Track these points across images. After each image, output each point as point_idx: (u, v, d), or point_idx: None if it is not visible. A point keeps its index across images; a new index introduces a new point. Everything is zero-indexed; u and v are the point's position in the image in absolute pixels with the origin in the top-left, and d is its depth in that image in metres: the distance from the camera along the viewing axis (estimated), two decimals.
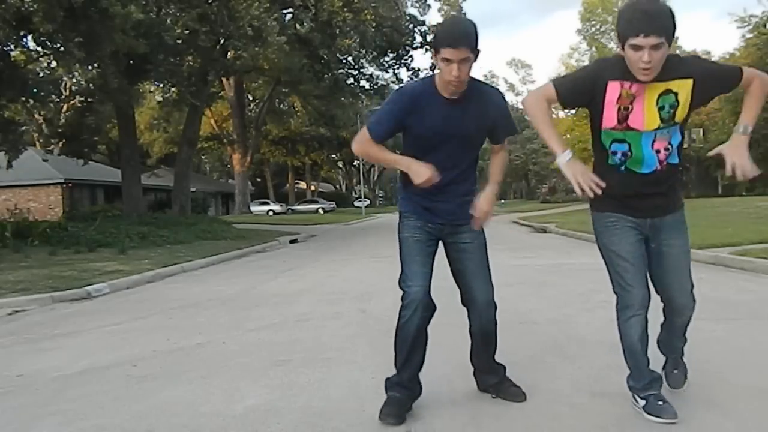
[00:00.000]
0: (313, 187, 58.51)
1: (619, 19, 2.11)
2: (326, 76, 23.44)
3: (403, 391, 2.55)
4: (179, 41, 15.38)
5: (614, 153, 2.29)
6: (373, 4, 20.19)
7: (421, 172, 2.36)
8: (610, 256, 2.39)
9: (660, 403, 2.33)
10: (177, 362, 3.63)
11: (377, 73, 28.73)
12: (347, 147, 52.07)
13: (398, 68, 27.18)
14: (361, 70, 27.19)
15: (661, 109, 2.18)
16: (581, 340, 3.67)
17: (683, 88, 2.16)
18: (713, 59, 41.94)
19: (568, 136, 32.60)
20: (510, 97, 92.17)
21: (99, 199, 27.61)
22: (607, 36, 30.53)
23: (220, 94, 23.01)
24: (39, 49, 14.18)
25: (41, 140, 27.56)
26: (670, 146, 2.26)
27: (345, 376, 3.14)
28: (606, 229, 2.39)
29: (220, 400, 2.86)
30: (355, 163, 49.54)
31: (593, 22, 30.45)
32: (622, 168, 2.30)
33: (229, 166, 46.71)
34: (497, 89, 2.61)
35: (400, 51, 25.99)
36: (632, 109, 2.19)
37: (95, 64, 13.68)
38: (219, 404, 2.80)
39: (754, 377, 2.84)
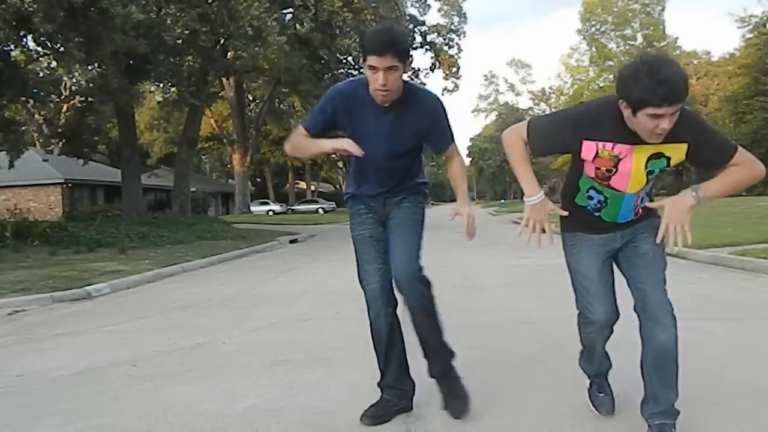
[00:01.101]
0: (313, 187, 58.50)
1: (632, 85, 1.82)
2: (326, 76, 23.44)
3: (392, 391, 2.54)
4: (179, 41, 15.38)
5: (590, 198, 2.16)
6: (373, 4, 20.19)
7: (338, 142, 2.33)
8: (575, 275, 2.33)
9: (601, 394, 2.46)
10: (177, 362, 3.63)
11: None
12: None
13: None
14: (361, 70, 27.17)
15: (649, 173, 2.03)
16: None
17: (677, 152, 1.99)
18: (713, 59, 41.18)
19: None
20: (510, 97, 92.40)
21: (99, 199, 27.62)
22: (606, 36, 30.53)
23: (220, 94, 23.02)
24: (39, 49, 14.19)
25: (41, 140, 27.59)
26: (645, 195, 2.15)
27: (345, 376, 3.14)
28: (572, 249, 2.31)
29: (220, 400, 2.86)
30: None
31: (593, 22, 30.44)
32: (596, 214, 2.18)
33: (229, 166, 46.71)
34: (436, 96, 2.46)
35: None
36: (616, 171, 2.02)
37: (95, 64, 13.68)
38: (219, 404, 2.80)
39: (755, 377, 2.84)
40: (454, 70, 33.04)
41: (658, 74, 1.78)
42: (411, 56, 2.27)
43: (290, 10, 20.24)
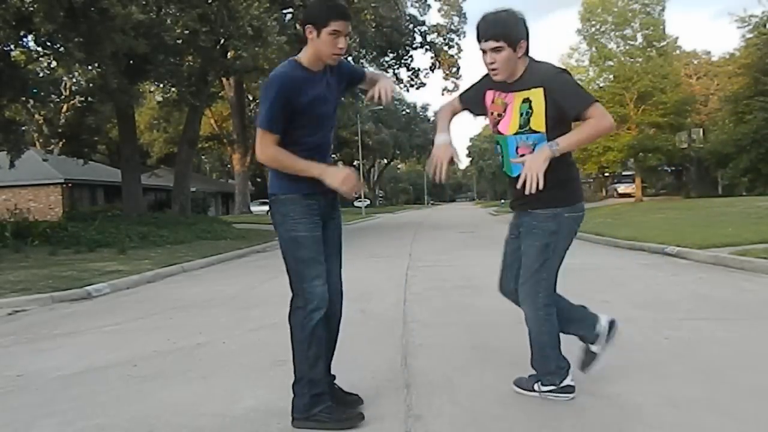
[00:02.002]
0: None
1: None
2: None
3: (330, 395, 2.52)
4: (179, 41, 15.37)
5: (497, 153, 2.61)
6: (373, 4, 20.18)
7: (338, 175, 2.36)
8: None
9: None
10: (177, 362, 3.63)
11: (377, 73, 28.73)
12: (347, 147, 52.28)
13: (398, 68, 27.21)
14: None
15: (520, 115, 2.40)
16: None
17: (536, 96, 2.36)
18: (713, 59, 41.19)
19: None
20: None
21: (99, 199, 27.61)
22: (606, 36, 30.45)
23: (220, 94, 22.99)
24: (39, 49, 14.19)
25: (41, 140, 27.58)
26: (534, 152, 2.38)
27: (345, 376, 3.13)
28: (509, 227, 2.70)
29: (220, 400, 2.87)
30: (355, 163, 49.50)
31: (593, 22, 30.32)
32: (503, 168, 2.58)
33: (229, 166, 46.68)
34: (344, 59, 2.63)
35: (400, 51, 26.02)
36: (504, 116, 2.46)
37: (95, 64, 13.68)
38: (219, 404, 2.80)
39: (754, 377, 2.84)
40: (454, 70, 33.03)
41: (485, 14, 2.37)
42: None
43: (290, 10, 20.23)
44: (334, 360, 2.71)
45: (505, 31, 2.30)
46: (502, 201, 57.24)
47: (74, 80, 21.06)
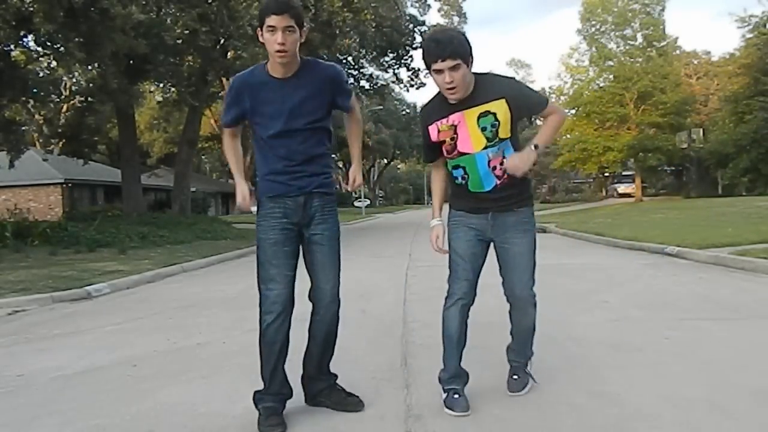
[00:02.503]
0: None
1: (424, 55, 2.41)
2: None
3: (276, 398, 2.52)
4: (179, 41, 15.37)
5: (455, 178, 2.59)
6: (373, 4, 20.16)
7: (239, 197, 2.50)
8: (449, 250, 2.64)
9: (456, 396, 2.55)
10: (177, 362, 3.63)
11: (377, 73, 28.66)
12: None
13: (398, 68, 27.17)
14: (361, 70, 27.17)
15: (483, 129, 2.44)
16: (581, 340, 3.67)
17: (500, 108, 2.43)
18: (713, 59, 41.24)
19: (568, 136, 32.59)
20: None
21: (99, 199, 27.60)
22: (606, 36, 30.46)
23: (220, 94, 22.94)
24: (39, 49, 14.18)
25: (41, 140, 27.56)
26: (504, 160, 2.48)
27: (345, 376, 3.13)
28: (451, 227, 2.65)
29: (220, 400, 2.87)
30: None
31: (593, 22, 30.32)
32: (467, 187, 2.56)
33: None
34: (334, 64, 2.64)
35: (400, 51, 25.97)
36: (458, 137, 2.47)
37: (95, 64, 13.68)
38: (219, 404, 2.80)
39: (754, 377, 2.84)
40: None
41: (432, 36, 2.42)
42: (305, 26, 2.42)
43: None
44: (333, 360, 2.71)
45: (460, 48, 2.33)
46: None
47: (74, 80, 21.04)
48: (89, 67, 14.11)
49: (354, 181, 2.64)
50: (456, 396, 2.55)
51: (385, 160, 63.01)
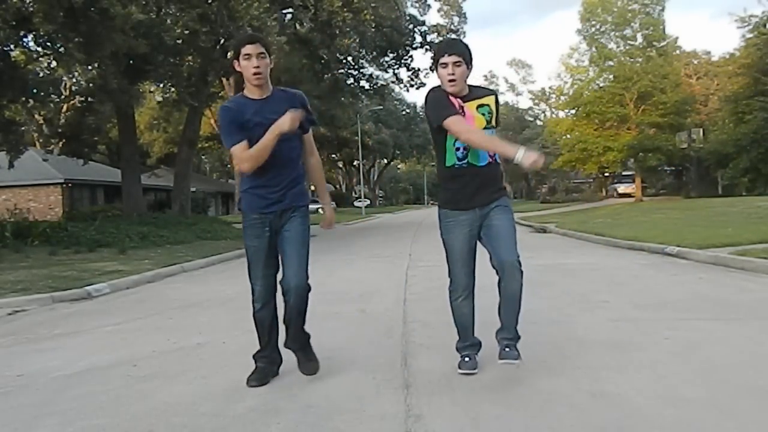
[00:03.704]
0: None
1: (434, 53, 2.97)
2: (326, 76, 23.42)
3: (267, 360, 3.11)
4: (179, 41, 15.37)
5: (457, 149, 2.91)
6: (373, 4, 20.16)
7: (285, 120, 2.79)
8: (447, 248, 3.03)
9: (467, 360, 3.04)
10: (177, 362, 3.63)
11: (377, 73, 28.69)
12: (347, 147, 52.19)
13: (398, 68, 27.17)
14: (361, 70, 27.18)
15: (483, 115, 2.93)
16: (581, 340, 3.67)
17: (491, 101, 2.98)
18: (713, 59, 41.10)
19: (568, 136, 32.58)
20: (510, 97, 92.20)
21: (99, 199, 27.60)
22: (606, 36, 30.44)
23: (220, 94, 22.95)
24: (39, 49, 14.18)
25: (41, 140, 27.56)
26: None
27: (345, 376, 3.14)
28: (446, 226, 3.01)
29: (220, 400, 2.87)
30: (355, 163, 49.55)
31: (593, 22, 30.29)
32: (465, 162, 2.91)
33: (229, 166, 46.66)
34: (300, 92, 3.09)
35: (399, 51, 25.98)
36: (464, 114, 2.89)
37: (95, 65, 13.68)
38: (219, 404, 2.80)
39: (754, 377, 2.84)
40: None
41: (444, 39, 3.23)
42: (273, 54, 2.97)
43: (290, 10, 20.22)
44: (333, 359, 2.72)
45: (465, 51, 2.87)
46: None
47: (74, 80, 21.04)
48: (89, 67, 14.11)
49: (330, 223, 3.35)
50: (467, 359, 3.03)
51: (385, 160, 63.03)
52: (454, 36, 31.75)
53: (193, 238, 14.13)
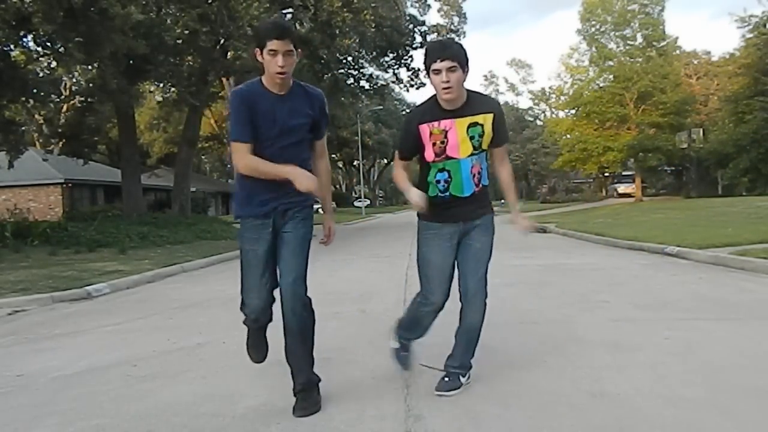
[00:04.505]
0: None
1: (425, 57, 2.57)
2: (326, 76, 23.40)
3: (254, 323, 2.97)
4: (179, 41, 15.37)
5: (438, 182, 2.68)
6: (372, 4, 20.18)
7: (303, 179, 2.48)
8: (422, 262, 2.80)
9: (404, 353, 2.99)
10: (177, 362, 3.63)
11: (377, 73, 28.69)
12: (347, 147, 52.18)
13: (398, 68, 27.19)
14: (361, 70, 27.17)
15: (471, 138, 2.63)
16: (581, 340, 3.67)
17: (487, 120, 2.64)
18: (713, 59, 41.17)
19: (568, 136, 32.57)
20: (510, 97, 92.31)
21: (99, 199, 27.59)
22: (606, 36, 30.46)
23: (220, 94, 22.95)
24: (39, 49, 14.17)
25: (41, 140, 27.55)
26: (481, 169, 2.71)
27: (345, 376, 3.14)
28: (425, 237, 2.78)
29: (220, 400, 2.87)
30: (355, 163, 49.53)
31: (593, 22, 30.32)
32: (447, 194, 2.68)
33: (229, 166, 46.65)
34: (321, 92, 2.77)
35: (399, 51, 25.99)
36: (448, 141, 2.62)
37: (95, 65, 13.68)
38: (219, 404, 2.80)
39: (754, 377, 2.84)
40: None
41: (435, 40, 2.77)
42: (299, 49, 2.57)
43: (290, 10, 20.21)
44: (333, 360, 2.71)
45: (460, 54, 2.51)
46: (503, 201, 57.16)
47: (74, 80, 21.05)
48: (89, 68, 14.12)
49: (330, 234, 2.92)
50: (404, 353, 2.99)
51: (385, 160, 62.96)
52: (454, 36, 31.85)
53: (193, 238, 14.12)
